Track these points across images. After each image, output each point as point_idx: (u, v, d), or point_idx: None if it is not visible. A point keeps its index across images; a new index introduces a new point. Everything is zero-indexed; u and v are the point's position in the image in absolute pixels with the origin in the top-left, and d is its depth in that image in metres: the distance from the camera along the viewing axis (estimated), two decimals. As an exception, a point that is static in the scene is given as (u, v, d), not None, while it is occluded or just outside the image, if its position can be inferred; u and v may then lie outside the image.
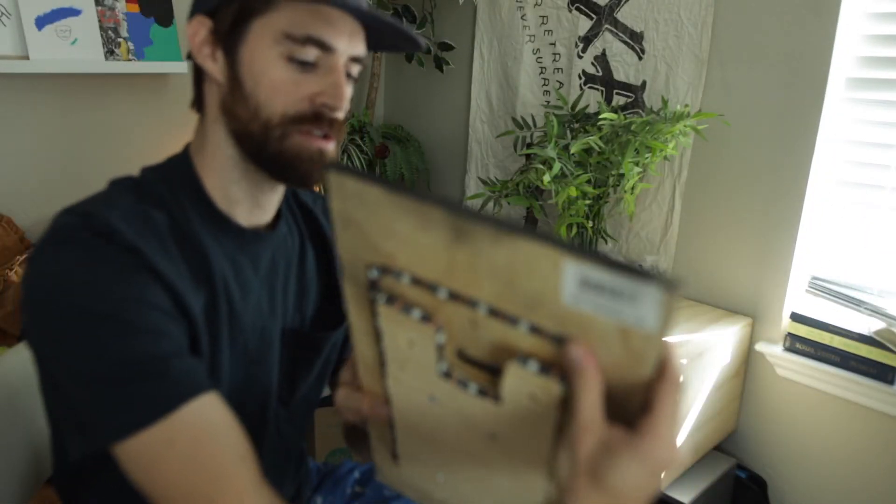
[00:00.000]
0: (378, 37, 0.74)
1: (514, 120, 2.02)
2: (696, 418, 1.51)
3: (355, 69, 0.72)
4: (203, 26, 0.70)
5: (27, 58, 1.59)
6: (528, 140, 1.96)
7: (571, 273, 0.41)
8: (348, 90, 0.71)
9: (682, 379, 0.45)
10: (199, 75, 0.74)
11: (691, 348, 1.46)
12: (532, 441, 0.49)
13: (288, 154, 0.69)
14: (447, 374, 0.50)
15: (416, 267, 0.47)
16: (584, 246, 0.40)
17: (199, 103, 0.75)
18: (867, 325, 1.45)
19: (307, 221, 0.86)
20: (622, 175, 1.60)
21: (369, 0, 1.11)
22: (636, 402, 0.45)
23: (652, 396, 0.44)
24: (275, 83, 0.68)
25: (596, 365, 0.42)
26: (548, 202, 1.72)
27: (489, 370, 0.48)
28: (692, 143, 1.69)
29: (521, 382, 0.46)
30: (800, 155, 1.53)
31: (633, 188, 1.63)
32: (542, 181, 1.54)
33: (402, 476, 0.62)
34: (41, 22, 1.61)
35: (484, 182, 2.09)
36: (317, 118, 0.69)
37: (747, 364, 1.67)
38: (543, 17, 1.99)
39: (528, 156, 1.83)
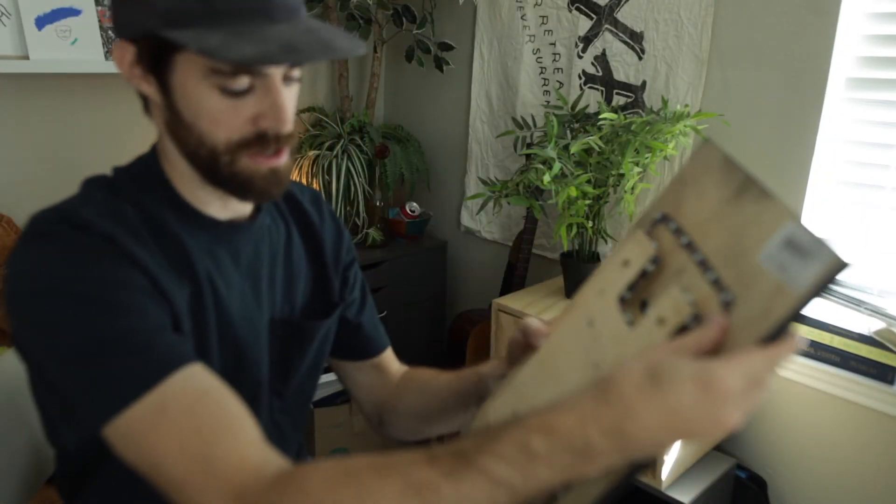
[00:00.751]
0: None
1: (514, 120, 2.02)
2: (696, 418, 1.51)
3: (296, 72, 0.70)
4: (127, 51, 0.67)
5: (27, 58, 1.59)
6: (528, 140, 1.96)
7: (784, 232, 0.49)
8: (291, 101, 0.69)
9: (784, 358, 0.50)
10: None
11: (691, 348, 1.46)
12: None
13: (241, 177, 0.68)
14: (623, 300, 0.59)
15: (685, 218, 0.58)
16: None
17: (148, 111, 0.73)
18: (867, 325, 1.45)
19: (294, 211, 0.86)
20: (622, 175, 1.60)
21: None
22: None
23: (749, 350, 0.49)
24: (213, 114, 0.66)
25: (723, 327, 0.50)
26: (548, 202, 1.72)
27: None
28: (692, 143, 1.69)
29: (665, 303, 0.54)
30: (800, 155, 1.53)
31: (633, 188, 1.63)
32: (542, 181, 1.54)
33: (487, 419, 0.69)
34: (41, 22, 1.61)
35: (484, 182, 2.09)
36: (261, 140, 0.67)
37: (747, 364, 1.67)
38: (543, 17, 1.99)
39: (528, 156, 1.83)
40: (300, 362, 0.85)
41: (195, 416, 0.59)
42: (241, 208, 0.77)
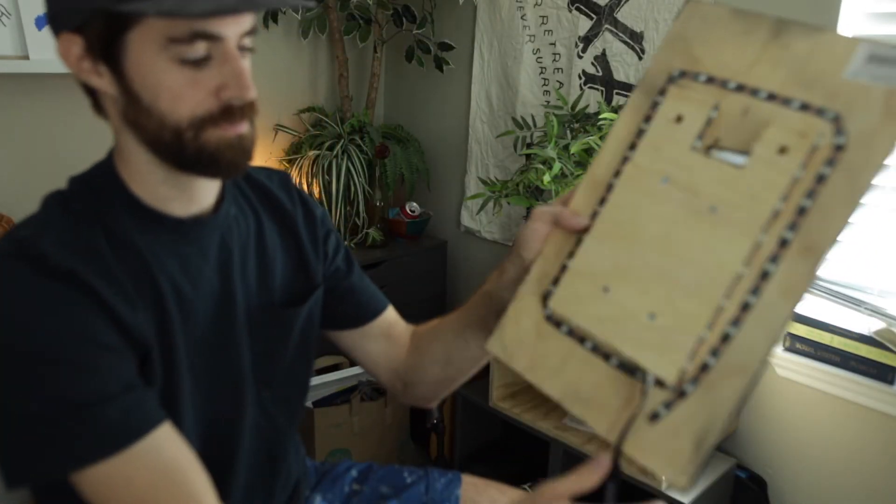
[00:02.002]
0: None
1: (514, 120, 2.02)
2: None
3: (248, 41, 0.68)
4: (73, 44, 0.65)
5: (27, 58, 1.59)
6: (528, 140, 1.96)
7: (863, 50, 0.54)
8: (247, 68, 0.68)
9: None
10: (87, 85, 0.70)
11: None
12: (755, 206, 0.56)
13: (208, 150, 0.67)
14: (697, 149, 0.61)
15: (716, 68, 0.61)
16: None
17: (99, 109, 0.72)
18: (867, 325, 1.45)
19: (264, 199, 0.85)
20: (622, 175, 1.60)
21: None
22: None
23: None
24: (173, 90, 0.64)
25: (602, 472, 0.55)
26: (548, 202, 1.72)
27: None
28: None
29: (781, 131, 0.56)
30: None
31: (632, 188, 1.63)
32: (542, 181, 1.54)
33: (538, 318, 0.66)
34: (41, 22, 1.61)
35: (484, 182, 2.09)
36: (227, 112, 0.66)
37: (747, 364, 1.67)
38: (543, 17, 1.99)
39: (528, 156, 1.83)
40: (284, 350, 0.84)
41: (157, 492, 0.62)
42: (204, 202, 0.75)
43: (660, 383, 0.57)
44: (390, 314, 0.97)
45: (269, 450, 0.85)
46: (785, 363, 1.58)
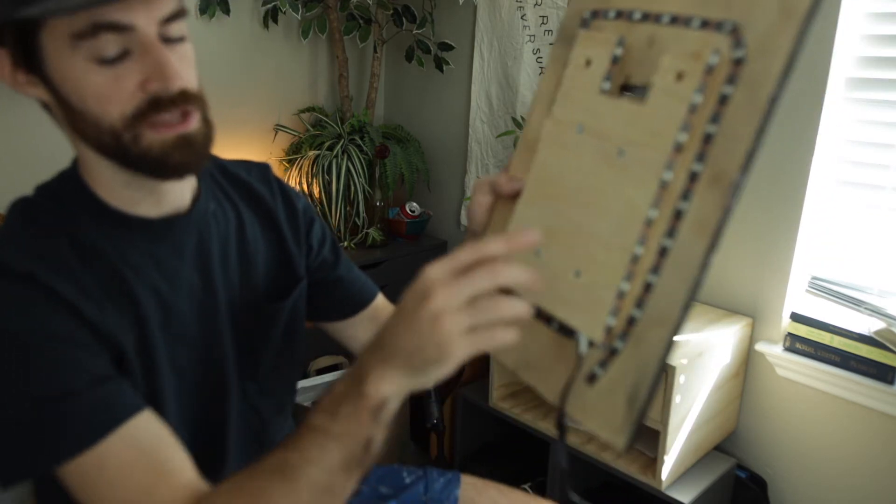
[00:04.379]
0: None
1: (514, 120, 2.02)
2: (696, 418, 1.51)
3: (175, 28, 0.64)
4: (3, 58, 0.64)
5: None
6: (528, 140, 1.96)
7: None
8: (182, 59, 0.65)
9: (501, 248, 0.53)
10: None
11: (691, 348, 1.46)
12: (658, 142, 0.53)
13: (152, 154, 0.64)
14: (606, 91, 0.58)
15: (621, 2, 0.59)
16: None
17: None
18: (867, 325, 1.45)
19: (243, 194, 0.84)
20: (622, 175, 1.59)
21: None
22: None
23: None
24: (97, 91, 0.62)
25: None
26: None
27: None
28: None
29: (675, 57, 0.53)
30: (800, 155, 1.53)
31: (632, 188, 1.63)
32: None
33: None
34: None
35: (484, 182, 2.09)
36: (157, 105, 0.63)
37: (747, 364, 1.67)
38: (543, 17, 1.99)
39: (527, 156, 1.83)
40: (268, 344, 0.84)
41: (133, 472, 0.62)
42: (176, 201, 0.74)
43: (592, 343, 0.55)
44: (379, 301, 0.96)
45: (260, 440, 0.85)
46: (785, 363, 1.58)
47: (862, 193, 1.52)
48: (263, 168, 0.89)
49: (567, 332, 0.57)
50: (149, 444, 0.63)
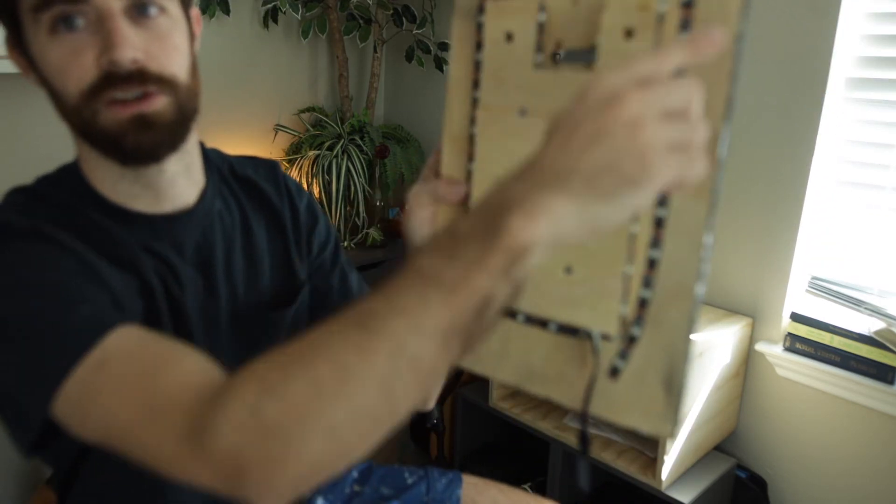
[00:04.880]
0: None
1: (514, 120, 2.02)
2: (696, 418, 1.51)
3: (153, 5, 0.62)
4: (8, 39, 0.65)
5: None
6: (528, 140, 1.96)
7: None
8: (146, 34, 0.62)
9: (716, 41, 0.41)
10: None
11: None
12: None
13: (107, 132, 0.62)
14: (541, 64, 0.51)
15: None
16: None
17: None
18: (867, 325, 1.45)
19: (250, 193, 0.82)
20: (622, 175, 1.59)
21: None
22: None
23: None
24: (56, 63, 0.60)
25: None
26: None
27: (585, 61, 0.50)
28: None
29: (619, 14, 0.47)
30: (800, 154, 1.53)
31: (632, 188, 1.63)
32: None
33: None
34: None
35: (484, 182, 2.09)
36: (111, 80, 0.60)
37: (747, 364, 1.67)
38: (543, 17, 1.99)
39: (528, 156, 1.83)
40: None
41: (134, 362, 0.54)
42: (178, 198, 0.72)
43: (605, 336, 0.51)
44: None
45: None
46: (785, 363, 1.58)
47: (862, 193, 1.52)
48: (271, 166, 0.86)
49: (568, 331, 0.53)
50: (151, 338, 0.57)
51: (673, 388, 0.48)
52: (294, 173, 2.09)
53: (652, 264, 0.49)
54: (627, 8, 0.47)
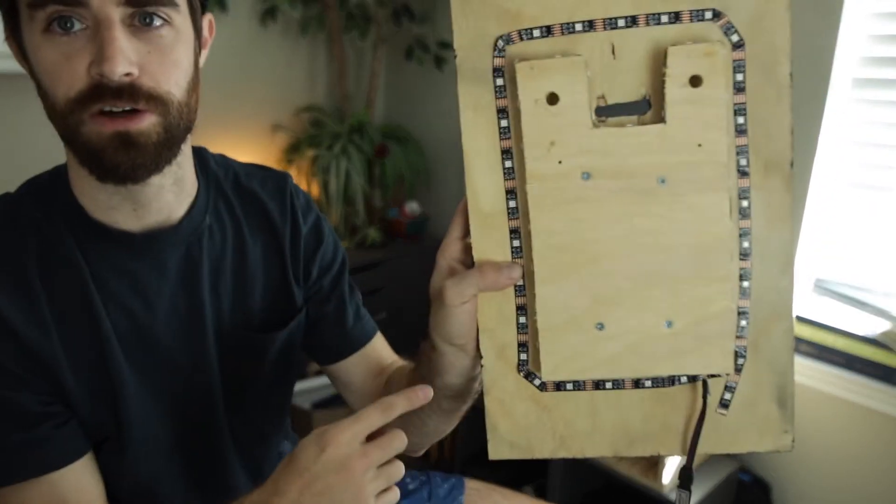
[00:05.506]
0: None
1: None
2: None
3: (158, 16, 0.59)
4: (5, 26, 0.63)
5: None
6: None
7: None
8: (145, 47, 0.58)
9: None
10: None
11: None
12: (706, 155, 0.49)
13: (88, 144, 0.59)
14: (601, 119, 0.51)
15: (545, 13, 0.50)
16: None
17: None
18: (872, 326, 1.44)
19: (251, 210, 0.77)
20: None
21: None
22: None
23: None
24: (47, 65, 0.58)
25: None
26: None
27: (637, 111, 0.51)
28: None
29: (683, 62, 0.48)
30: (803, 155, 1.52)
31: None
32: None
33: (531, 394, 0.57)
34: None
35: (484, 182, 2.08)
36: (99, 92, 0.57)
37: (750, 366, 1.66)
38: (544, 15, 1.98)
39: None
40: (256, 375, 0.78)
41: None
42: (161, 213, 0.68)
43: (713, 375, 0.54)
44: (375, 344, 0.87)
45: (255, 462, 0.82)
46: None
47: (867, 194, 1.51)
48: (280, 180, 0.81)
49: (666, 381, 0.55)
50: (70, 497, 0.62)
51: (786, 402, 0.53)
52: (293, 173, 2.07)
53: (744, 293, 0.52)
54: (693, 55, 0.48)
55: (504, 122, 0.53)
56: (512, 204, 0.54)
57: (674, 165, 0.50)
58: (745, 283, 0.52)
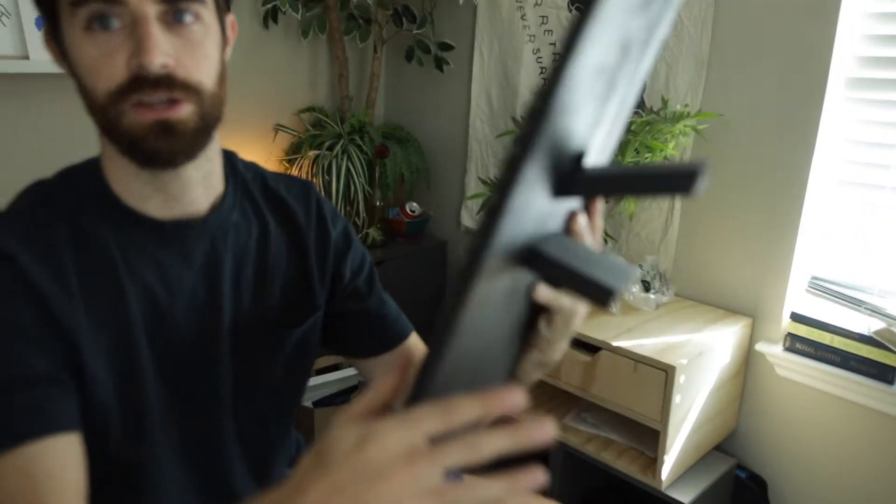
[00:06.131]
0: None
1: (514, 120, 2.02)
2: (696, 418, 1.51)
3: (186, 12, 0.62)
4: (45, 27, 0.66)
5: (27, 58, 1.59)
6: (528, 140, 1.96)
7: None
8: (178, 41, 0.62)
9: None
10: None
11: (691, 348, 1.46)
12: None
13: (129, 133, 0.62)
14: None
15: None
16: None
17: None
18: (867, 324, 1.45)
19: (276, 209, 0.81)
20: (622, 175, 1.59)
21: None
22: None
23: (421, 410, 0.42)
24: (88, 61, 0.61)
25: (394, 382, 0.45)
26: None
27: None
28: (692, 143, 1.69)
29: None
30: (800, 154, 1.53)
31: (632, 188, 1.63)
32: (541, 181, 1.54)
33: None
34: (41, 22, 1.61)
35: (484, 182, 2.09)
36: (139, 83, 0.60)
37: (747, 364, 1.67)
38: (543, 16, 1.99)
39: (527, 156, 1.83)
40: (269, 369, 0.80)
41: (14, 499, 0.58)
42: (190, 204, 0.72)
43: None
44: (412, 341, 0.91)
45: (258, 457, 0.83)
46: (785, 363, 1.58)
47: (862, 193, 1.52)
48: (306, 186, 0.86)
49: None
50: (45, 474, 0.60)
51: None
52: (294, 173, 2.09)
53: None
54: None
55: None
56: None
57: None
58: None
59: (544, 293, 0.53)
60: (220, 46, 0.69)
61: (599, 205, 0.55)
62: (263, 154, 2.18)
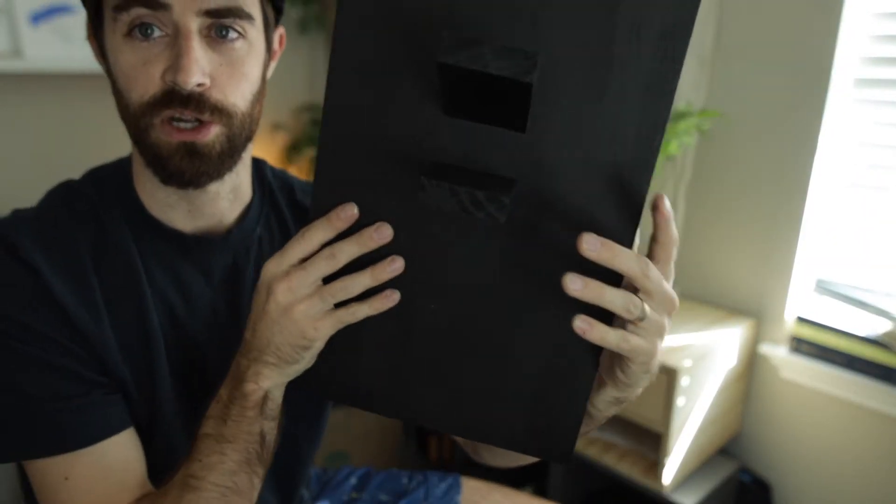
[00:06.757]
0: None
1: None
2: (699, 421, 1.50)
3: (234, 28, 0.61)
4: (89, 25, 0.66)
5: (20, 55, 1.57)
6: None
7: None
8: (218, 58, 0.61)
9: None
10: None
11: (695, 350, 1.44)
12: None
13: (155, 149, 0.62)
14: None
15: None
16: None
17: None
18: (873, 327, 1.43)
19: (301, 223, 0.81)
20: (625, 174, 1.58)
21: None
22: None
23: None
24: (125, 68, 0.61)
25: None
26: None
27: None
28: (696, 142, 1.67)
29: None
30: (804, 155, 1.52)
31: (635, 188, 1.61)
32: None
33: None
34: (36, 18, 1.59)
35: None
36: (170, 98, 0.60)
37: (751, 366, 1.65)
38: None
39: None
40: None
41: (93, 489, 0.62)
42: (214, 217, 0.71)
43: None
44: None
45: (284, 477, 0.82)
46: (790, 365, 1.56)
47: (868, 194, 1.50)
48: None
49: None
50: (117, 466, 0.63)
51: None
52: (293, 172, 2.07)
53: None
54: None
55: None
56: None
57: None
58: None
59: (616, 341, 0.49)
60: (262, 64, 0.67)
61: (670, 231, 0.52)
62: (263, 153, 2.16)
